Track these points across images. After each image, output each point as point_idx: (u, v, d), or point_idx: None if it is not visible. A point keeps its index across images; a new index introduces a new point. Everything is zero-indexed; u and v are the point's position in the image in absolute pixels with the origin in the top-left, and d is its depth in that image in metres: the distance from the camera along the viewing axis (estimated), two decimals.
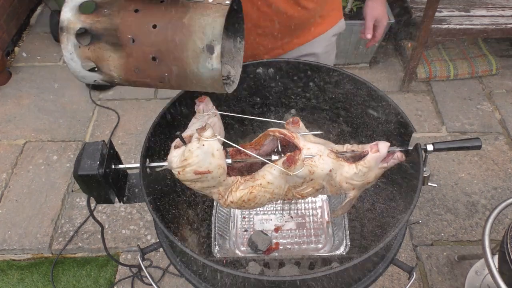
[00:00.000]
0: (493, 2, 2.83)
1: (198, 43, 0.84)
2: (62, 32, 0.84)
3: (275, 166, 1.03)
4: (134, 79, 0.90)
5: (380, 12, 1.53)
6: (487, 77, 3.06)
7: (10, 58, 3.24)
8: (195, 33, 0.84)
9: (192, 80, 0.90)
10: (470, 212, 2.30)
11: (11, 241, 2.20)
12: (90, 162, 1.00)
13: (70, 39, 0.84)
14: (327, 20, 1.49)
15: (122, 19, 0.84)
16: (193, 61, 0.86)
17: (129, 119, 2.81)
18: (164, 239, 1.15)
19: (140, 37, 0.84)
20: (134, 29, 0.84)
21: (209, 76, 0.88)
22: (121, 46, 0.85)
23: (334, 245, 1.41)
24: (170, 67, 0.87)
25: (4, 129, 2.74)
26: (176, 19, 0.84)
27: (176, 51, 0.85)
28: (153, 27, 0.84)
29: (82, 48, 0.85)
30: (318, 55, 1.52)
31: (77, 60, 0.86)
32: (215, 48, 0.84)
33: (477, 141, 1.09)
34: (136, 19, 0.84)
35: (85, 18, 0.84)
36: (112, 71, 0.88)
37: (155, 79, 0.90)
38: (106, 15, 0.84)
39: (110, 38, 0.84)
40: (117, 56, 0.85)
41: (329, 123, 1.43)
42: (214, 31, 0.84)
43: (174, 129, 1.20)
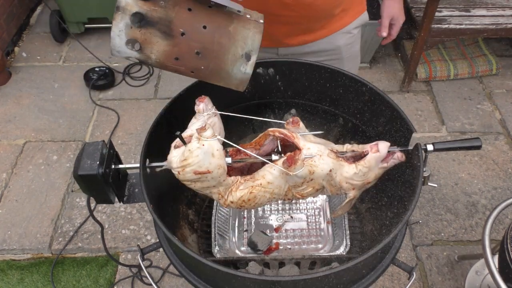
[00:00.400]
0: (493, 2, 2.83)
1: (239, 50, 1.01)
2: (118, 11, 0.92)
3: (275, 166, 1.03)
4: (169, 65, 1.01)
5: (397, 11, 1.53)
6: (487, 77, 3.06)
7: (10, 58, 3.24)
8: (238, 41, 1.01)
9: (222, 76, 1.05)
10: (470, 212, 2.30)
11: (11, 241, 2.20)
12: (90, 162, 0.99)
13: (124, 19, 0.93)
14: (349, 13, 1.48)
15: (177, 14, 0.95)
16: (231, 63, 1.02)
17: (129, 119, 2.81)
18: (164, 239, 1.15)
19: (190, 33, 0.96)
20: (187, 25, 0.96)
21: (240, 77, 1.04)
22: (171, 36, 0.96)
23: (334, 245, 1.41)
24: (209, 63, 1.01)
25: (4, 129, 2.74)
26: (224, 26, 0.99)
27: (219, 52, 1.00)
28: (203, 28, 0.97)
29: (134, 29, 0.94)
30: (340, 47, 1.52)
31: (123, 38, 0.95)
32: (252, 57, 1.02)
33: (477, 141, 1.09)
34: (189, 17, 0.96)
35: (142, 4, 0.93)
36: (153, 54, 0.98)
37: (190, 68, 1.02)
38: (162, 6, 0.94)
39: (163, 27, 0.95)
40: (164, 43, 0.96)
41: (329, 123, 1.43)
42: (253, 44, 1.02)
43: (174, 129, 1.20)
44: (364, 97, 1.28)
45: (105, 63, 3.11)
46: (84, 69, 3.04)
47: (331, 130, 1.44)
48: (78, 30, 3.27)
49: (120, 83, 3.06)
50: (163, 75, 3.12)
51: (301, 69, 1.31)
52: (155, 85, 3.05)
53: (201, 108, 1.08)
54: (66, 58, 3.25)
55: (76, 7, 3.09)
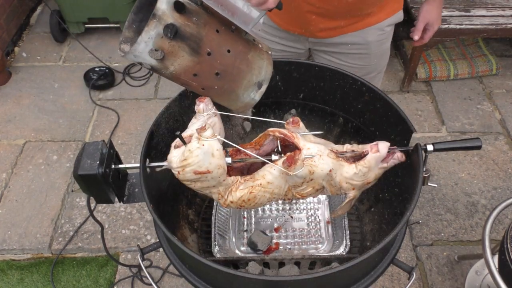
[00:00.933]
0: (493, 2, 2.83)
1: (254, 78, 1.07)
2: (153, 19, 0.90)
3: (275, 166, 1.03)
4: (184, 79, 1.02)
5: (434, 17, 1.53)
6: (487, 77, 3.06)
7: (10, 58, 3.24)
8: (254, 70, 1.06)
9: (231, 98, 1.08)
10: (470, 212, 2.30)
11: (11, 241, 2.20)
12: (90, 162, 1.00)
13: (157, 27, 0.91)
14: (385, 10, 1.48)
15: (207, 33, 0.97)
16: (244, 88, 1.06)
17: (129, 119, 2.81)
18: (164, 239, 1.15)
19: (216, 54, 0.99)
20: (214, 46, 0.98)
21: (247, 102, 1.09)
22: (198, 53, 0.97)
23: (334, 245, 1.41)
24: (224, 84, 1.04)
25: (4, 129, 2.74)
26: (244, 53, 1.04)
27: (236, 76, 1.04)
28: (227, 51, 1.00)
29: (164, 39, 0.92)
30: (370, 43, 1.53)
31: (150, 45, 0.93)
32: (263, 86, 1.09)
33: (477, 141, 1.09)
34: (217, 38, 0.99)
35: (178, 17, 0.93)
36: (173, 66, 0.98)
37: (202, 86, 1.04)
38: (194, 23, 0.95)
39: (192, 44, 0.96)
40: (189, 58, 0.97)
41: (329, 123, 1.43)
42: (266, 74, 1.09)
43: (174, 129, 1.20)
44: (364, 97, 1.28)
45: (105, 63, 3.11)
46: (84, 69, 3.04)
47: (331, 130, 1.44)
48: (78, 30, 3.27)
49: (120, 83, 3.06)
50: None
51: (301, 69, 1.31)
52: (155, 85, 3.05)
53: (201, 108, 1.08)
54: (66, 58, 3.25)
55: (76, 7, 3.09)
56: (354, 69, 1.57)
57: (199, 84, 1.03)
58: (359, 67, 1.58)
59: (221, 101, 1.11)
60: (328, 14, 1.41)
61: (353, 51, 1.54)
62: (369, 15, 1.46)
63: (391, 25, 1.55)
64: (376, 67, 1.64)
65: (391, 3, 1.49)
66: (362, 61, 1.58)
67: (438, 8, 1.54)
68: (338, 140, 1.44)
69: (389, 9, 1.49)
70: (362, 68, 1.59)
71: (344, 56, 1.57)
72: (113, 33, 3.37)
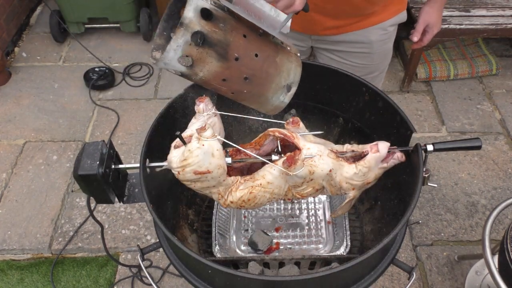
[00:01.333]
0: (493, 2, 2.83)
1: (283, 81, 1.07)
2: (181, 27, 0.92)
3: (275, 166, 1.03)
4: (213, 84, 1.03)
5: (434, 19, 1.53)
6: (487, 77, 3.06)
7: (10, 58, 3.24)
8: (283, 73, 1.06)
9: (260, 102, 1.09)
10: (470, 212, 2.30)
11: (11, 241, 2.20)
12: (90, 162, 0.99)
13: (185, 35, 0.93)
14: (388, 10, 1.49)
15: (234, 38, 0.97)
16: (273, 91, 1.07)
17: (129, 119, 2.81)
18: (164, 239, 1.15)
19: (244, 59, 1.00)
20: (242, 51, 0.99)
21: (276, 105, 1.10)
22: (226, 59, 0.98)
23: (335, 245, 1.41)
24: (253, 88, 1.05)
25: (4, 129, 2.74)
26: (272, 56, 1.04)
27: (265, 80, 1.04)
28: (255, 55, 1.01)
29: (192, 46, 0.94)
30: (372, 42, 1.53)
31: (179, 53, 0.94)
32: (292, 89, 1.09)
33: (477, 141, 1.09)
34: (245, 43, 0.99)
35: (205, 24, 0.94)
36: (202, 72, 0.99)
37: (232, 90, 1.05)
38: (221, 29, 0.96)
39: (220, 50, 0.96)
40: (217, 64, 0.98)
41: (329, 123, 1.43)
42: (295, 77, 1.09)
43: (174, 129, 1.20)
44: (364, 97, 1.28)
45: (105, 63, 3.11)
46: (84, 69, 3.04)
47: (331, 130, 1.44)
48: (78, 30, 3.27)
49: (120, 83, 3.06)
50: (163, 75, 3.12)
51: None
52: (155, 85, 3.05)
53: (201, 108, 1.08)
54: (66, 58, 3.25)
55: (76, 7, 3.09)
56: (356, 68, 1.57)
57: (229, 88, 1.04)
58: (361, 66, 1.58)
59: (251, 105, 1.12)
60: (332, 13, 1.41)
61: (356, 49, 1.54)
62: (372, 15, 1.46)
63: (394, 25, 1.55)
64: (378, 67, 1.64)
65: (394, 3, 1.49)
66: (364, 60, 1.58)
67: (438, 11, 1.54)
68: (338, 140, 1.44)
69: (392, 9, 1.50)
70: (364, 67, 1.59)
71: (347, 54, 1.57)
72: (113, 33, 3.38)
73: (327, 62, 1.60)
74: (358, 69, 1.56)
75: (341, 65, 1.56)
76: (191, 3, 0.92)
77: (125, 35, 3.38)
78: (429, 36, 1.56)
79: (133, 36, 3.37)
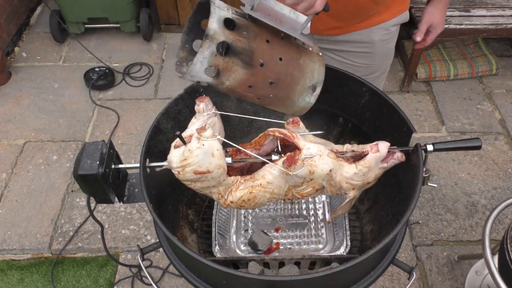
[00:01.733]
0: (493, 2, 2.83)
1: (307, 82, 1.07)
2: (206, 39, 0.92)
3: (275, 166, 1.03)
4: (240, 91, 1.03)
5: (438, 19, 1.53)
6: (487, 77, 3.06)
7: (10, 58, 3.24)
8: (307, 74, 1.06)
9: (286, 104, 1.09)
10: (470, 212, 2.30)
11: (11, 241, 2.20)
12: (90, 162, 1.00)
13: (210, 47, 0.93)
14: (391, 10, 1.48)
15: (257, 45, 0.98)
16: (298, 93, 1.07)
17: (129, 119, 2.81)
18: (164, 239, 1.15)
19: (268, 64, 1.00)
20: (266, 56, 0.99)
21: (303, 106, 1.10)
22: (251, 66, 0.98)
23: (335, 245, 1.41)
24: (279, 92, 1.05)
25: (4, 129, 2.74)
26: (295, 59, 1.04)
27: (290, 83, 1.05)
28: (279, 59, 1.01)
29: (217, 57, 0.95)
30: (374, 42, 1.52)
31: (205, 64, 0.95)
32: (317, 89, 1.09)
33: (477, 141, 1.09)
34: (268, 48, 1.00)
35: (229, 34, 0.95)
36: (228, 81, 0.99)
37: (258, 96, 1.06)
38: (245, 37, 0.97)
39: (245, 57, 0.97)
40: (243, 72, 0.98)
41: (329, 123, 1.43)
42: (319, 77, 1.09)
43: (174, 129, 1.20)
44: (364, 97, 1.28)
45: (105, 63, 3.11)
46: (84, 69, 3.04)
47: (331, 130, 1.44)
48: (78, 30, 3.27)
49: (120, 83, 3.06)
50: (163, 75, 3.13)
51: None
52: (155, 85, 3.05)
53: (201, 108, 1.09)
54: (66, 58, 3.25)
55: (76, 7, 3.09)
56: (358, 68, 1.57)
57: (255, 94, 1.05)
58: (363, 66, 1.58)
59: (277, 108, 1.12)
60: (335, 13, 1.41)
61: (358, 49, 1.54)
62: (375, 15, 1.46)
63: (396, 25, 1.55)
64: (380, 67, 1.64)
65: (397, 3, 1.49)
66: (366, 60, 1.57)
67: (442, 11, 1.53)
68: (338, 140, 1.44)
69: (395, 9, 1.49)
70: (366, 67, 1.59)
71: (348, 54, 1.56)
72: (113, 33, 3.38)
73: (329, 62, 1.59)
74: (360, 69, 1.56)
75: (343, 65, 1.55)
76: (214, 15, 0.93)
77: (125, 35, 3.38)
78: (432, 36, 1.56)
79: (133, 36, 3.37)
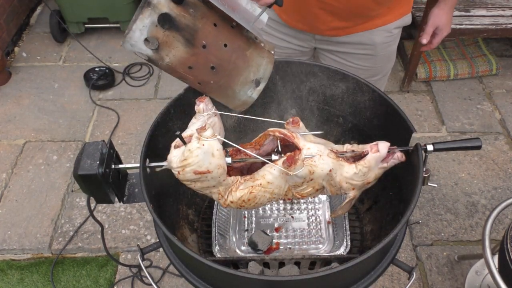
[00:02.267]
0: (493, 2, 2.83)
1: (251, 75, 1.05)
2: (148, 7, 0.91)
3: (275, 166, 1.03)
4: (179, 71, 1.01)
5: (444, 21, 1.52)
6: (487, 77, 3.06)
7: (10, 58, 3.24)
8: (252, 67, 1.05)
9: (227, 95, 1.07)
10: (470, 212, 2.30)
11: (11, 241, 2.20)
12: (90, 162, 1.00)
13: (151, 16, 0.92)
14: (393, 13, 1.48)
15: (203, 26, 0.96)
16: (240, 84, 1.05)
17: (129, 119, 2.81)
18: (164, 239, 1.15)
19: (211, 48, 0.98)
20: (210, 39, 0.98)
21: (244, 100, 1.09)
22: (193, 45, 0.97)
23: (335, 246, 1.41)
24: (220, 79, 1.03)
25: (4, 129, 2.74)
26: (242, 49, 1.03)
27: (232, 71, 1.03)
28: (224, 45, 1.00)
29: (158, 28, 0.93)
30: (376, 44, 1.52)
31: (144, 34, 0.94)
32: (261, 84, 1.08)
33: (477, 141, 1.09)
34: (214, 31, 0.98)
35: (174, 7, 0.93)
36: (168, 57, 0.97)
37: (198, 80, 1.04)
38: (191, 14, 0.95)
39: (187, 35, 0.95)
40: (183, 49, 0.97)
41: (329, 123, 1.43)
42: (265, 72, 1.07)
43: (174, 129, 1.20)
44: (364, 97, 1.28)
45: (105, 63, 3.11)
46: (84, 69, 3.04)
47: (331, 130, 1.44)
48: (78, 30, 3.27)
49: (120, 83, 3.06)
50: (163, 75, 3.12)
51: (301, 69, 1.31)
52: (155, 85, 3.05)
53: (201, 108, 1.08)
54: (66, 58, 3.25)
55: (76, 7, 3.09)
56: (360, 70, 1.56)
57: (195, 78, 1.03)
58: (365, 68, 1.58)
59: (218, 98, 1.10)
60: (338, 12, 1.41)
61: (359, 51, 1.54)
62: (377, 16, 1.45)
63: (398, 28, 1.55)
64: (382, 70, 1.63)
65: (399, 6, 1.48)
66: (368, 62, 1.57)
67: (448, 13, 1.52)
68: (338, 140, 1.44)
69: (397, 11, 1.49)
70: (368, 69, 1.58)
71: (350, 56, 1.56)
72: (113, 33, 3.37)
73: (330, 63, 1.59)
74: (361, 72, 1.55)
75: (344, 67, 1.55)
76: None
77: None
78: (439, 39, 1.55)
79: None
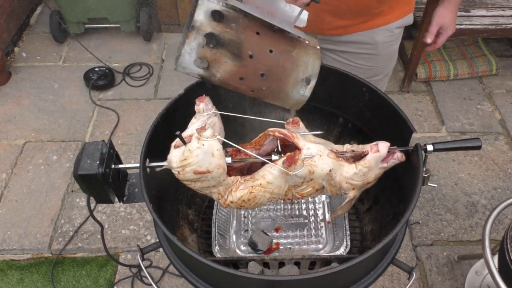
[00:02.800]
0: (493, 2, 2.83)
1: (300, 74, 1.06)
2: (192, 30, 0.95)
3: (275, 166, 1.03)
4: (231, 83, 1.05)
5: (448, 21, 1.51)
6: (487, 77, 3.06)
7: (10, 58, 3.24)
8: (300, 66, 1.06)
9: (281, 97, 1.10)
10: (470, 212, 2.30)
11: (10, 241, 2.20)
12: (90, 162, 1.00)
13: (197, 38, 0.96)
14: (395, 12, 1.48)
15: (246, 37, 0.99)
16: (291, 86, 1.07)
17: (129, 119, 2.81)
18: (164, 239, 1.15)
19: (258, 56, 1.01)
20: (255, 48, 1.00)
21: (297, 99, 1.10)
22: (240, 57, 1.00)
23: (335, 246, 1.41)
24: (271, 84, 1.05)
25: (4, 129, 2.74)
26: (287, 51, 1.04)
27: (282, 75, 1.05)
28: (269, 51, 1.02)
29: (205, 48, 0.97)
30: (378, 44, 1.52)
31: (193, 56, 0.98)
32: (312, 81, 1.08)
33: (477, 141, 1.09)
34: (258, 40, 1.00)
35: (216, 26, 0.97)
36: (219, 73, 1.02)
37: (251, 88, 1.06)
38: (233, 28, 0.98)
39: (233, 49, 0.98)
40: (232, 63, 1.00)
41: (329, 123, 1.43)
42: (313, 69, 1.08)
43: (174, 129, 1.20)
44: (364, 97, 1.28)
45: (105, 63, 3.11)
46: (84, 69, 3.04)
47: (331, 130, 1.44)
48: (78, 30, 3.27)
49: (120, 83, 3.06)
50: (163, 75, 3.12)
51: None
52: (155, 85, 3.05)
53: (201, 108, 1.08)
54: (66, 58, 3.25)
55: (76, 7, 3.09)
56: (361, 70, 1.56)
57: (247, 86, 1.06)
58: (366, 68, 1.57)
59: (273, 101, 1.12)
60: (339, 11, 1.40)
61: (361, 50, 1.53)
62: (379, 15, 1.45)
63: (400, 28, 1.54)
64: (383, 70, 1.63)
65: (401, 5, 1.48)
66: (369, 62, 1.56)
67: (453, 13, 1.52)
68: (338, 140, 1.44)
69: (399, 11, 1.48)
70: (369, 69, 1.58)
71: (351, 56, 1.56)
72: (113, 33, 3.38)
73: (331, 63, 1.59)
74: (363, 71, 1.55)
75: (345, 66, 1.54)
76: (201, 7, 0.94)
77: (125, 35, 3.38)
78: (443, 38, 1.54)
79: (133, 36, 3.37)
